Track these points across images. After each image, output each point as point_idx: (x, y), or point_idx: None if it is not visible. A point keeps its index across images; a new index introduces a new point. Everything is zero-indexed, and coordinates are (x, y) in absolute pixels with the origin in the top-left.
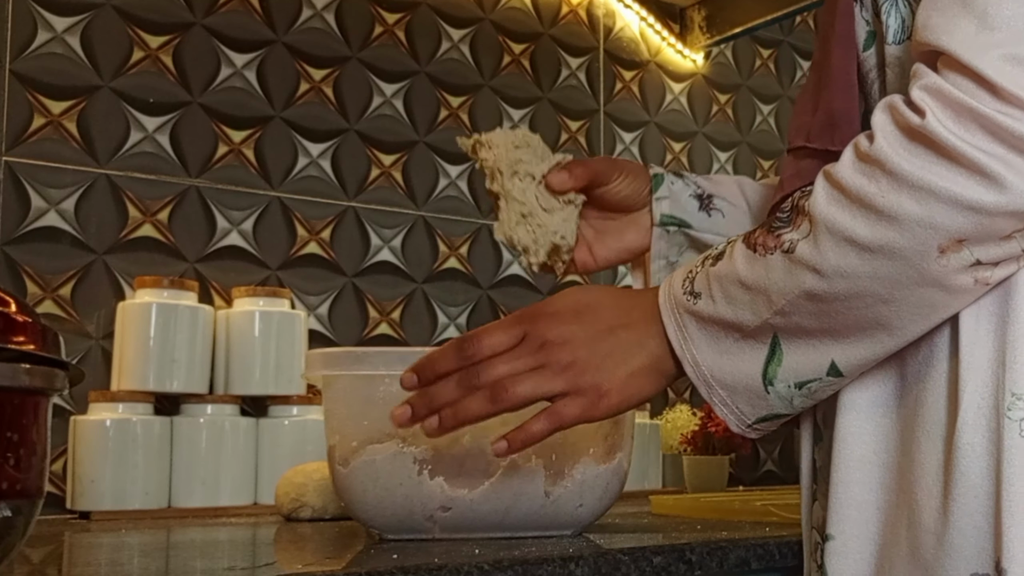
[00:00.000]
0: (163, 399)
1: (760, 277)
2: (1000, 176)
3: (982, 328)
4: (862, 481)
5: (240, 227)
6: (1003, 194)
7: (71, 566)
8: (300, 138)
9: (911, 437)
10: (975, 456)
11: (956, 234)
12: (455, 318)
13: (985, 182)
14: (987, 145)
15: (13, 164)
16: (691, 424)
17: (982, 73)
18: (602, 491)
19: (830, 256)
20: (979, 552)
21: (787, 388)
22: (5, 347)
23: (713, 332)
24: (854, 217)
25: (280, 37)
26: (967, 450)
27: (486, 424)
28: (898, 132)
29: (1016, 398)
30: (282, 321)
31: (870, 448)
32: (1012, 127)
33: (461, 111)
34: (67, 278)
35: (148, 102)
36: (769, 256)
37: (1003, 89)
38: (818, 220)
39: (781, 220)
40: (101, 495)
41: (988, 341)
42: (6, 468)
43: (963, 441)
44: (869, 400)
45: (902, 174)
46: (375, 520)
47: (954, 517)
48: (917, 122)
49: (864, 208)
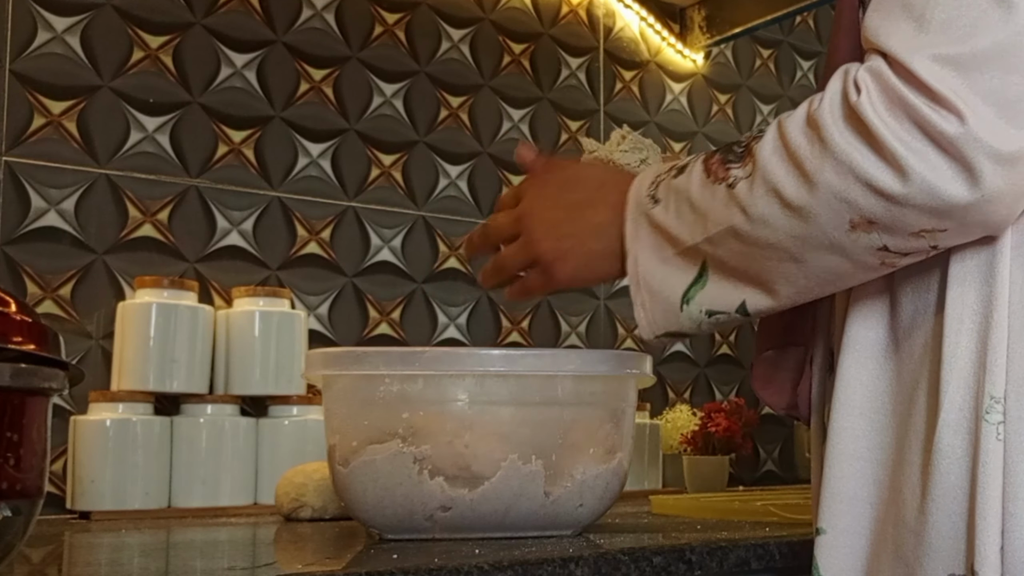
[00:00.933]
0: (163, 399)
1: (705, 201)
2: (911, 169)
3: (965, 329)
4: (855, 476)
5: (240, 227)
6: (908, 186)
7: (71, 566)
8: (300, 138)
9: (903, 435)
10: (954, 458)
11: (866, 215)
12: (455, 318)
13: (897, 172)
14: (909, 136)
15: (13, 164)
16: (691, 424)
17: (915, 71)
18: (602, 491)
19: (759, 203)
20: (955, 553)
21: (699, 312)
22: (5, 347)
23: (658, 239)
24: (787, 173)
25: (280, 37)
26: (947, 451)
27: (487, 427)
28: (840, 102)
29: (994, 401)
30: (282, 321)
31: (864, 444)
32: (937, 123)
33: (461, 111)
34: (67, 278)
35: (148, 102)
36: (715, 185)
37: (932, 87)
38: (758, 166)
39: (735, 155)
40: (101, 495)
41: (971, 342)
42: (6, 468)
43: (943, 443)
44: (865, 397)
45: (830, 144)
46: (375, 520)
47: (933, 518)
48: (854, 98)
49: (795, 166)
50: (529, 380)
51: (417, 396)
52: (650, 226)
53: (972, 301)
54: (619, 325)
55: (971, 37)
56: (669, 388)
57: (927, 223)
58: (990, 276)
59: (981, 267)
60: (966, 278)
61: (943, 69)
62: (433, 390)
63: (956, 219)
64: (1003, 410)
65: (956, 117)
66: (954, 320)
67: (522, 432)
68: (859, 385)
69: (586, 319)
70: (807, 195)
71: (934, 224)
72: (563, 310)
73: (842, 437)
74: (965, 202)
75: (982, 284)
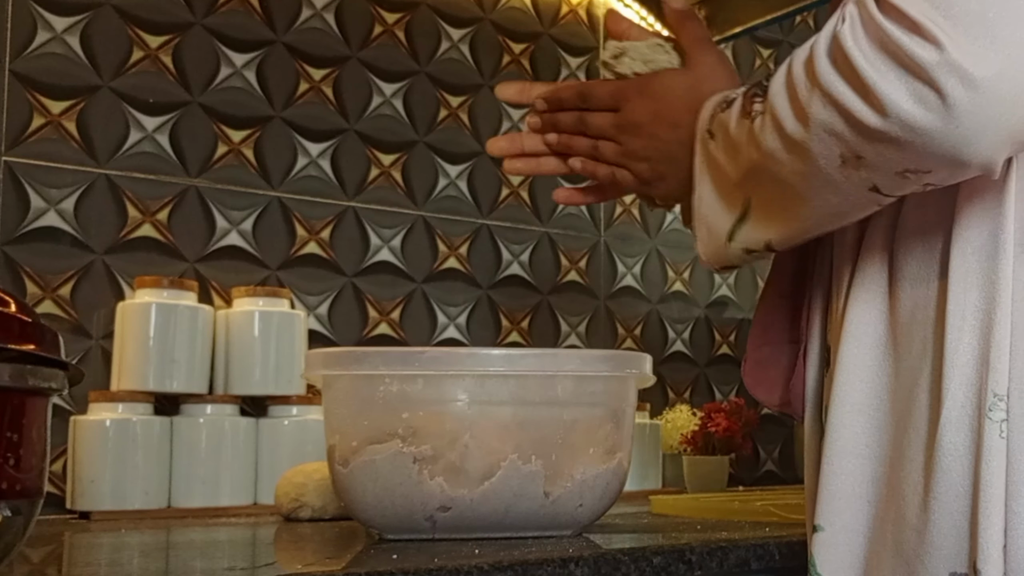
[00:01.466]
0: (163, 399)
1: (739, 137)
2: (887, 99)
3: (967, 326)
4: (853, 473)
5: (240, 227)
6: (886, 120)
7: (71, 566)
8: (300, 138)
9: (903, 432)
10: (957, 455)
11: (854, 150)
12: (455, 318)
13: (874, 103)
14: (885, 67)
15: (13, 164)
16: (691, 424)
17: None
18: (602, 491)
19: (768, 138)
20: (958, 552)
21: (739, 250)
22: (5, 347)
23: (714, 175)
24: (787, 107)
25: (280, 37)
26: (949, 448)
27: (487, 427)
28: (830, 34)
29: (998, 399)
30: (282, 321)
31: (862, 441)
32: (913, 51)
33: (461, 111)
34: (67, 278)
35: (148, 102)
36: (744, 120)
37: (909, 14)
38: (769, 100)
39: (761, 88)
40: (101, 495)
41: (973, 340)
42: (6, 468)
43: (946, 440)
44: (863, 393)
45: (818, 76)
46: (375, 520)
47: (935, 515)
48: (839, 28)
49: (793, 101)
50: (529, 380)
51: (417, 396)
52: (707, 162)
53: (975, 298)
54: (619, 325)
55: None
56: (669, 388)
57: (909, 161)
58: (993, 273)
59: (983, 263)
60: (968, 274)
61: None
62: (433, 390)
63: (934, 152)
64: (1006, 407)
65: (932, 44)
66: (956, 317)
67: (522, 432)
68: (858, 381)
69: (586, 319)
70: (802, 129)
71: (916, 164)
72: (562, 310)
73: (841, 434)
74: (937, 130)
75: (985, 281)
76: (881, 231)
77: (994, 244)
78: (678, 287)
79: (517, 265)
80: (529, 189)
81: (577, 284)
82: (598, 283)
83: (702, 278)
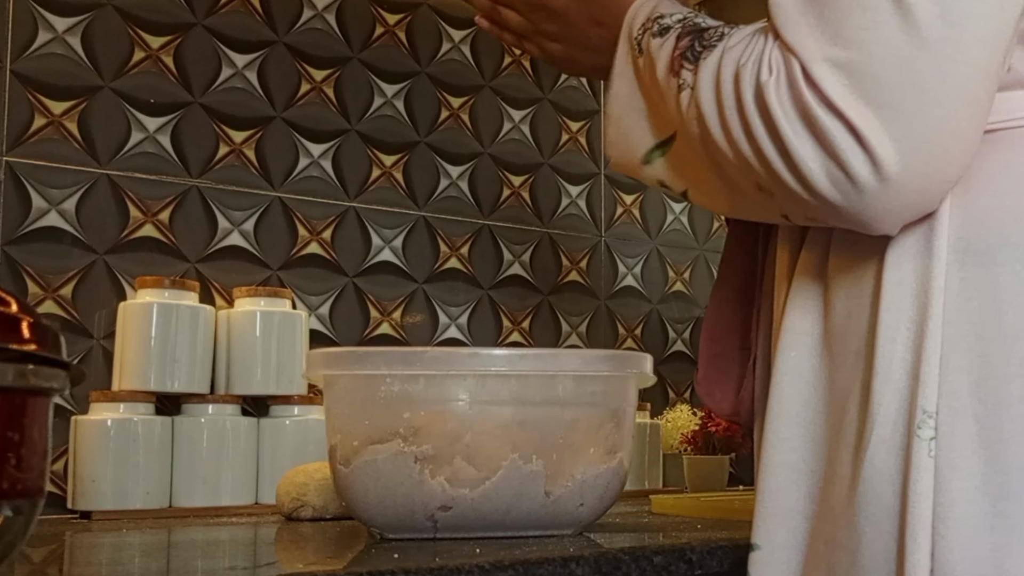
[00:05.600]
0: (164, 399)
1: (667, 90)
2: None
3: (900, 338)
4: (789, 489)
5: (241, 227)
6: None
7: (72, 566)
8: (301, 138)
9: (836, 447)
10: (887, 474)
11: (767, 187)
12: (456, 318)
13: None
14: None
15: (14, 164)
16: (691, 424)
17: (814, 77)
18: (602, 491)
19: (692, 124)
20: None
21: (654, 178)
22: (6, 347)
23: (636, 88)
24: (713, 116)
25: (281, 38)
26: (881, 468)
27: (488, 427)
28: (754, 72)
29: (927, 415)
30: (283, 321)
31: (799, 455)
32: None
33: (462, 112)
34: (68, 278)
35: (149, 102)
36: (671, 78)
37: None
38: (697, 86)
39: (694, 54)
40: (102, 495)
41: (906, 350)
42: (7, 468)
43: (877, 459)
44: (800, 404)
45: (744, 110)
46: (376, 520)
47: (865, 537)
48: (764, 77)
49: (720, 113)
50: (530, 380)
51: (418, 396)
52: (635, 73)
53: (907, 308)
54: (619, 325)
55: (865, 43)
56: (669, 388)
57: (815, 215)
58: (926, 282)
59: (918, 272)
60: (901, 283)
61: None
62: (434, 390)
63: (838, 220)
64: (935, 425)
65: (850, 131)
66: (888, 328)
67: (523, 432)
68: (794, 392)
69: (586, 319)
70: (725, 145)
71: (822, 220)
72: (563, 310)
73: (777, 448)
74: (844, 207)
75: (918, 291)
76: (823, 235)
77: (928, 252)
78: (678, 287)
79: (518, 265)
80: (530, 189)
81: (578, 284)
82: (599, 283)
83: (702, 278)
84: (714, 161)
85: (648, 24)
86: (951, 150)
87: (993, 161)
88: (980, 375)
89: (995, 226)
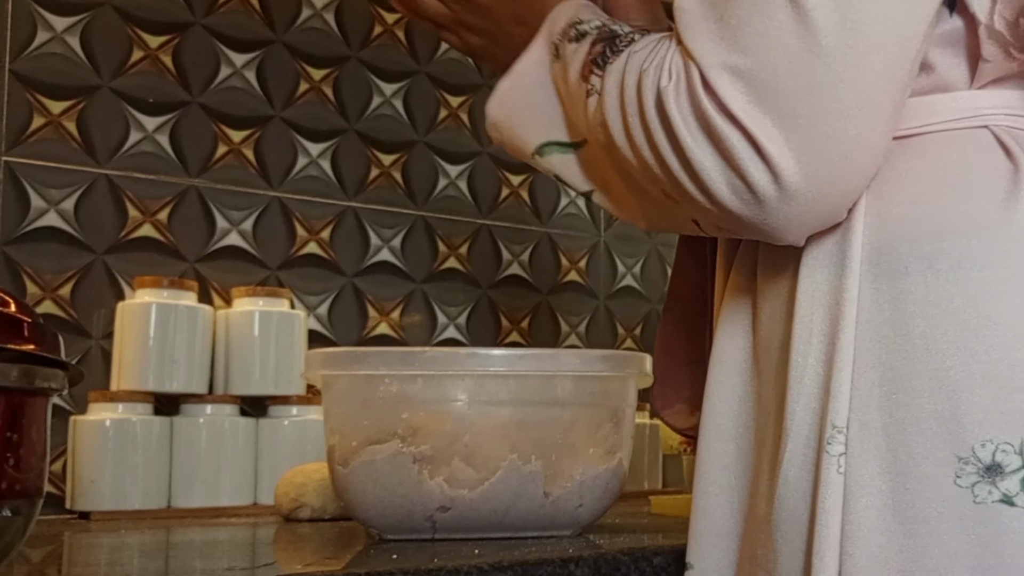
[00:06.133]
0: (163, 399)
1: (575, 96)
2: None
3: (812, 351)
4: (721, 507)
5: (240, 227)
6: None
7: (71, 566)
8: (300, 138)
9: (758, 463)
10: (801, 491)
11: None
12: (455, 318)
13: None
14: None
15: (13, 164)
16: None
17: (713, 85)
18: (602, 491)
19: (597, 131)
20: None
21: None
22: (5, 347)
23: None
24: (616, 117)
25: (280, 37)
26: (794, 483)
27: (487, 427)
28: (655, 77)
29: (836, 431)
30: (282, 321)
31: (731, 472)
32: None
33: (461, 111)
34: (67, 278)
35: (148, 102)
36: (581, 83)
37: (728, 108)
38: (604, 91)
39: (603, 59)
40: (101, 495)
41: (819, 364)
42: (6, 468)
43: (791, 475)
44: (731, 420)
45: (646, 117)
46: (375, 520)
47: (781, 556)
48: (663, 83)
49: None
50: (529, 380)
51: (417, 396)
52: (548, 74)
53: (820, 320)
54: (619, 325)
55: (763, 50)
56: None
57: (723, 224)
58: (838, 293)
59: (831, 283)
60: (815, 294)
61: (738, 83)
62: (433, 390)
63: (744, 230)
64: (845, 440)
65: (749, 141)
66: (802, 341)
67: (522, 432)
68: (725, 408)
69: (586, 319)
70: (628, 148)
71: (730, 230)
72: (562, 310)
73: (709, 466)
74: (746, 217)
75: (831, 302)
76: (751, 246)
77: (841, 262)
78: None
79: (517, 265)
80: (529, 189)
81: (577, 284)
82: (598, 283)
83: None
84: (620, 168)
85: (567, 29)
86: (853, 159)
87: (908, 168)
88: (890, 388)
89: (906, 235)
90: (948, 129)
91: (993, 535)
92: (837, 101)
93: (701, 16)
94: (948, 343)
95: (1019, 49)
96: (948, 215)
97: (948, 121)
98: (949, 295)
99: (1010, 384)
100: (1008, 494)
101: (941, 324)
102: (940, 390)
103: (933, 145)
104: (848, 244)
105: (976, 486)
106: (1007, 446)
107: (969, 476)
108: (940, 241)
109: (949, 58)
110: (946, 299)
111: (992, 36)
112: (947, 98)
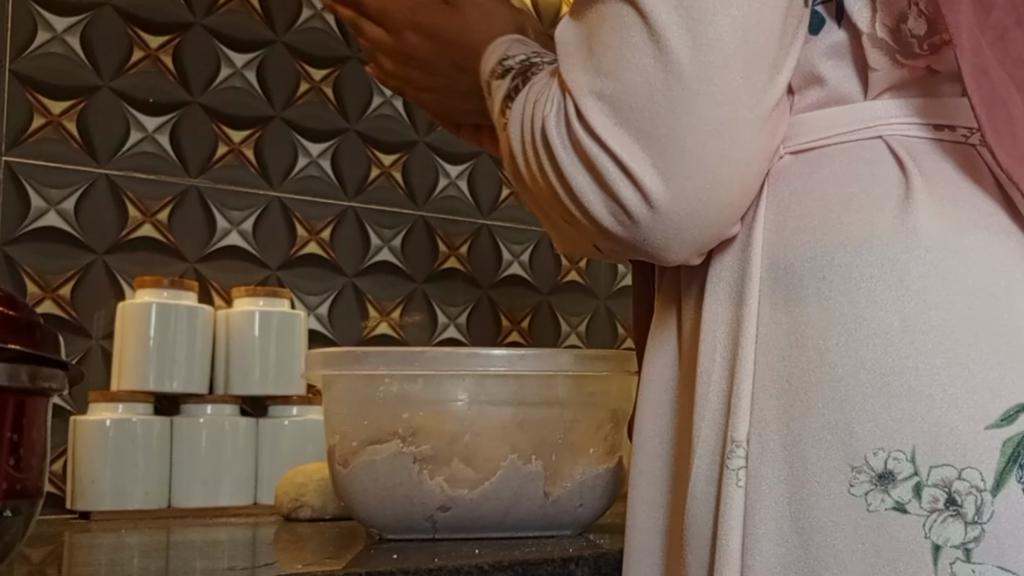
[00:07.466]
0: (163, 399)
1: (497, 128)
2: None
3: (716, 367)
4: (650, 527)
5: (240, 227)
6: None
7: (71, 566)
8: (300, 138)
9: (678, 481)
10: (707, 508)
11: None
12: (455, 318)
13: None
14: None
15: (13, 164)
16: None
17: (583, 111)
18: (602, 491)
19: (507, 161)
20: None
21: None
22: (5, 347)
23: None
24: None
25: (280, 37)
26: (701, 498)
27: (487, 427)
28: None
29: (736, 445)
30: (282, 321)
31: (658, 489)
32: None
33: None
34: (67, 278)
35: (148, 102)
36: (501, 118)
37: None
38: (510, 120)
39: (515, 92)
40: (101, 495)
41: (722, 379)
42: (6, 468)
43: (697, 490)
44: (658, 438)
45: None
46: (375, 520)
47: (691, 571)
48: (545, 111)
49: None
50: (529, 380)
51: (417, 396)
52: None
53: (723, 336)
54: (619, 325)
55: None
56: None
57: (616, 247)
58: (739, 308)
59: (732, 298)
60: (717, 311)
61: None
62: (433, 390)
63: (631, 252)
64: (745, 454)
65: (617, 166)
66: (707, 358)
67: (522, 432)
68: (652, 426)
69: (586, 319)
70: (528, 177)
71: (621, 253)
72: (563, 310)
73: (639, 483)
74: (628, 239)
75: (731, 318)
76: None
77: (742, 277)
78: None
79: (517, 265)
80: None
81: (577, 284)
82: (598, 283)
83: None
84: (531, 197)
85: (495, 67)
86: (720, 175)
87: (803, 182)
88: (787, 401)
89: (801, 248)
90: (843, 141)
91: (886, 543)
92: (696, 117)
93: (576, 46)
94: (839, 354)
95: (905, 55)
96: (839, 227)
97: (843, 133)
98: (840, 306)
99: (899, 392)
100: (901, 501)
101: (833, 335)
102: (833, 400)
103: (828, 158)
104: (748, 260)
105: (869, 494)
106: (899, 454)
107: (862, 485)
108: (832, 253)
109: (840, 70)
110: (837, 310)
111: (876, 44)
112: (843, 110)
